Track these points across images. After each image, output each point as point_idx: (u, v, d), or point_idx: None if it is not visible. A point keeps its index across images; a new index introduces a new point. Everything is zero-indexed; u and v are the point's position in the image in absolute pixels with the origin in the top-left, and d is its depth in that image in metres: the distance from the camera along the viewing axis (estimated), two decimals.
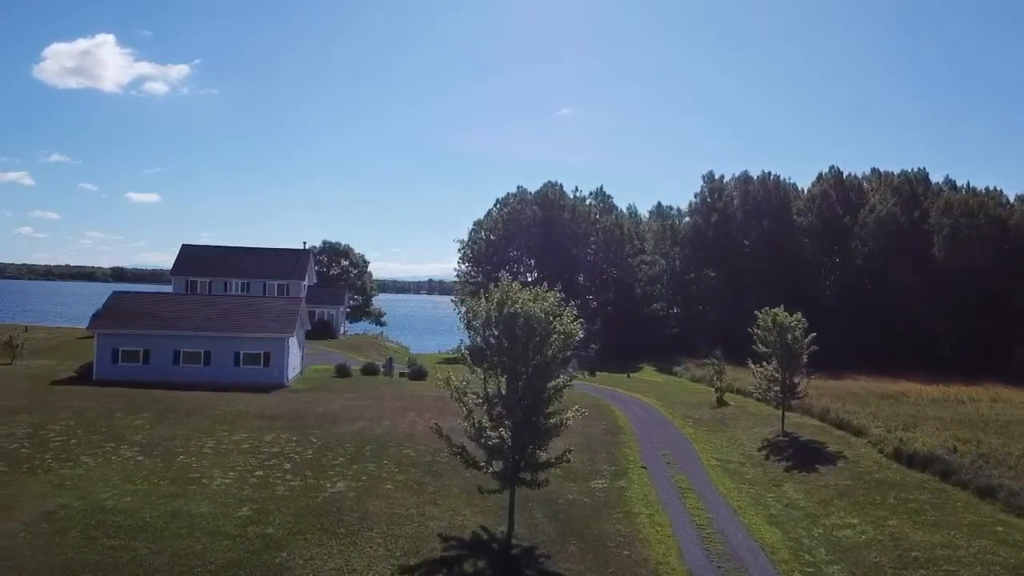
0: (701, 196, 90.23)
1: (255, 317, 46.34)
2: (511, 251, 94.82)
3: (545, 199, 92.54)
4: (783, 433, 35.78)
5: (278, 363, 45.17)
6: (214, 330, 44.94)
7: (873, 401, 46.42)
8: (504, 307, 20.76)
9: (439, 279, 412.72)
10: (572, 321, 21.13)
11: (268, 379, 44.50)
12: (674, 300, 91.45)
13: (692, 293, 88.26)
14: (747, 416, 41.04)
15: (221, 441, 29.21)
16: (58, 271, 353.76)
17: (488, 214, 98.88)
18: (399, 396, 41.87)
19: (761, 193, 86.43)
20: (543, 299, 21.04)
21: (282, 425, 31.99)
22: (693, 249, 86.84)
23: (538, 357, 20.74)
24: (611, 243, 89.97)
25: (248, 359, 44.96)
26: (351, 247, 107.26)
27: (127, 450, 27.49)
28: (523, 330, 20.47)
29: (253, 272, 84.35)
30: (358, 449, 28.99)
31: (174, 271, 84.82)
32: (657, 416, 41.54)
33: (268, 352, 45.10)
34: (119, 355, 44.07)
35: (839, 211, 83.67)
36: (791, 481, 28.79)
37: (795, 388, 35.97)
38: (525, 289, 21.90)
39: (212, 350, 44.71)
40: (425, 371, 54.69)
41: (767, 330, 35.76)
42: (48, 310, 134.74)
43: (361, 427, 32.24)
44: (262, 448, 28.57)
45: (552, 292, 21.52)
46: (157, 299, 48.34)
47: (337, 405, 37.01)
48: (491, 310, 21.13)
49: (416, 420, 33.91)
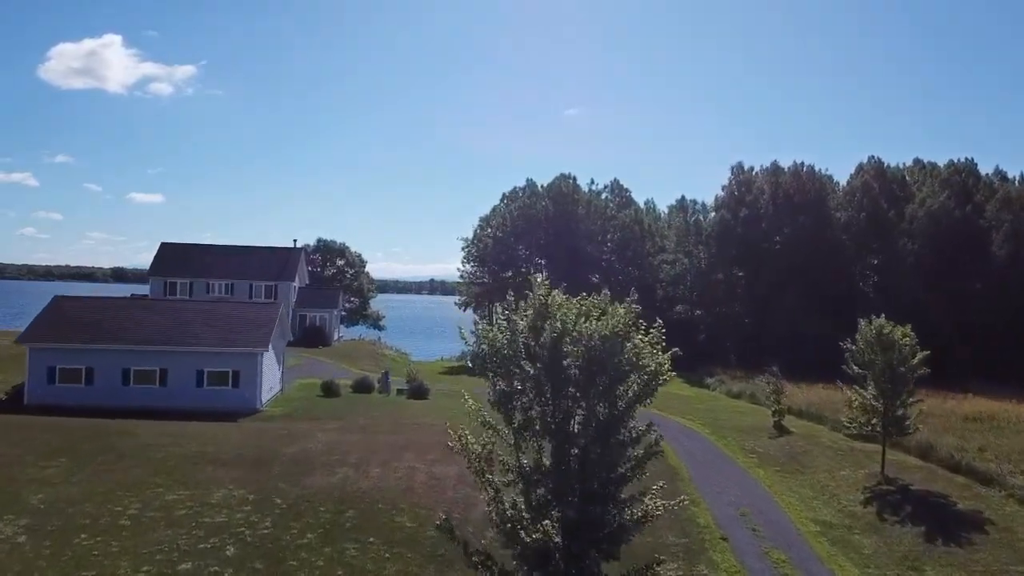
0: (728, 189, 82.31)
1: (222, 327, 38.59)
2: (520, 249, 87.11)
3: (558, 193, 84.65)
4: (884, 478, 28.01)
5: (250, 384, 37.45)
6: (172, 343, 37.22)
7: (959, 425, 38.65)
8: (545, 328, 13.10)
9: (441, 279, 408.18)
10: (657, 349, 13.40)
11: (237, 403, 36.81)
12: (699, 302, 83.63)
13: (719, 295, 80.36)
14: (821, 450, 33.29)
15: (149, 504, 21.49)
16: (58, 271, 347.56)
17: (494, 210, 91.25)
18: (395, 424, 34.15)
19: (794, 185, 78.46)
20: (610, 315, 13.29)
21: (239, 476, 24.27)
22: (720, 247, 78.93)
23: (604, 408, 13.08)
24: (630, 240, 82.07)
25: (213, 379, 37.26)
26: (347, 245, 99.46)
27: (10, 524, 19.71)
28: (583, 365, 12.82)
29: (238, 272, 76.74)
30: (335, 516, 21.25)
31: (152, 271, 77.29)
32: (711, 449, 33.80)
33: (238, 370, 37.39)
34: (56, 374, 36.43)
35: (883, 205, 75.77)
36: (934, 561, 20.97)
37: (902, 422, 28.09)
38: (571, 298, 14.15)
39: (169, 368, 37.01)
40: (426, 388, 47.02)
41: (868, 346, 27.89)
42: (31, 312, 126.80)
43: (342, 478, 24.50)
44: (203, 516, 20.84)
45: (625, 303, 13.73)
46: (103, 305, 40.57)
47: (316, 442, 29.27)
48: (522, 332, 13.46)
49: (415, 466, 26.18)
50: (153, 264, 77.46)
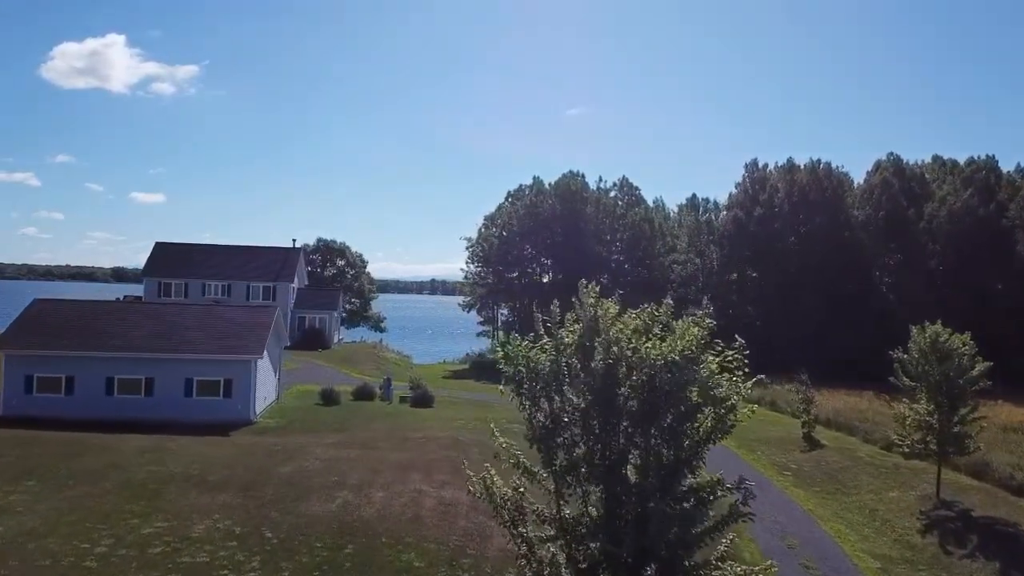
0: (742, 187, 79.73)
1: (214, 332, 35.96)
2: (526, 249, 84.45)
3: (566, 191, 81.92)
4: (940, 502, 25.42)
5: (243, 393, 34.84)
6: (159, 350, 34.60)
7: (1000, 437, 36.12)
8: (596, 348, 10.53)
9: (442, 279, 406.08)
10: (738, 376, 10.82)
11: (230, 414, 34.21)
12: (711, 304, 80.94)
13: (731, 296, 77.67)
14: (861, 467, 30.66)
15: (122, 539, 18.89)
16: (58, 271, 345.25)
17: (500, 209, 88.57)
18: (399, 440, 31.54)
19: (810, 183, 75.80)
20: (678, 334, 10.70)
21: (226, 502, 21.68)
22: (733, 246, 76.27)
23: (669, 450, 10.50)
24: (640, 240, 79.39)
25: (204, 388, 34.65)
26: (348, 245, 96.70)
27: None
28: (644, 397, 10.25)
29: (235, 273, 74.19)
30: (333, 554, 18.64)
31: (145, 272, 74.69)
32: (741, 466, 31.11)
33: (230, 379, 34.77)
34: (34, 383, 33.82)
35: (903, 203, 73.08)
36: None
37: (962, 440, 25.44)
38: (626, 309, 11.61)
39: (156, 376, 34.38)
40: (431, 396, 44.43)
41: (922, 356, 25.25)
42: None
43: (342, 505, 21.88)
44: (183, 554, 18.24)
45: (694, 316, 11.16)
46: (85, 308, 37.90)
47: (313, 459, 26.66)
48: (567, 353, 10.89)
49: (422, 488, 23.58)
50: (147, 265, 74.85)
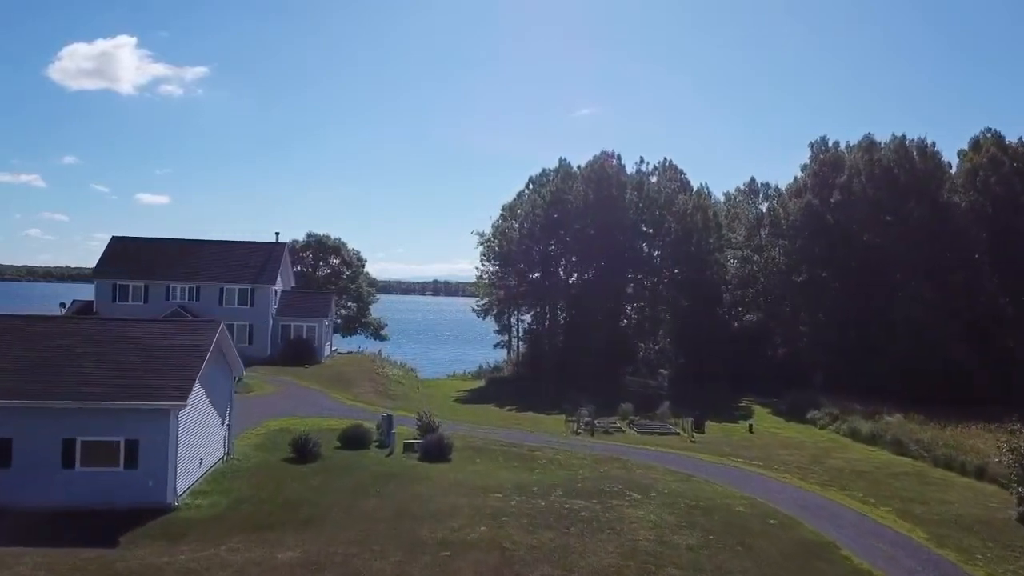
0: (810, 170, 66.75)
1: (114, 365, 23.02)
2: (551, 245, 71.48)
3: (599, 175, 68.82)
4: None
5: (156, 462, 21.87)
6: (23, 394, 21.71)
7: None
8: None
9: (444, 279, 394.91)
10: None
11: (134, 496, 21.37)
12: (773, 309, 67.90)
13: (801, 300, 64.57)
14: None
15: None
16: (58, 272, 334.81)
17: (520, 197, 75.63)
18: (407, 550, 18.61)
19: (899, 163, 62.63)
20: None
21: None
22: (806, 240, 63.16)
23: None
24: (691, 232, 66.19)
25: (92, 455, 21.70)
26: (343, 241, 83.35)
27: None
28: None
29: (208, 273, 61.12)
30: None
31: (97, 271, 61.56)
32: None
33: (135, 439, 21.83)
34: None
35: (1017, 188, 59.98)
36: None
37: None
38: None
39: (16, 437, 21.49)
40: (448, 445, 31.52)
41: None
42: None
43: None
44: None
45: None
46: None
47: None
48: None
49: None
50: (100, 262, 61.79)
